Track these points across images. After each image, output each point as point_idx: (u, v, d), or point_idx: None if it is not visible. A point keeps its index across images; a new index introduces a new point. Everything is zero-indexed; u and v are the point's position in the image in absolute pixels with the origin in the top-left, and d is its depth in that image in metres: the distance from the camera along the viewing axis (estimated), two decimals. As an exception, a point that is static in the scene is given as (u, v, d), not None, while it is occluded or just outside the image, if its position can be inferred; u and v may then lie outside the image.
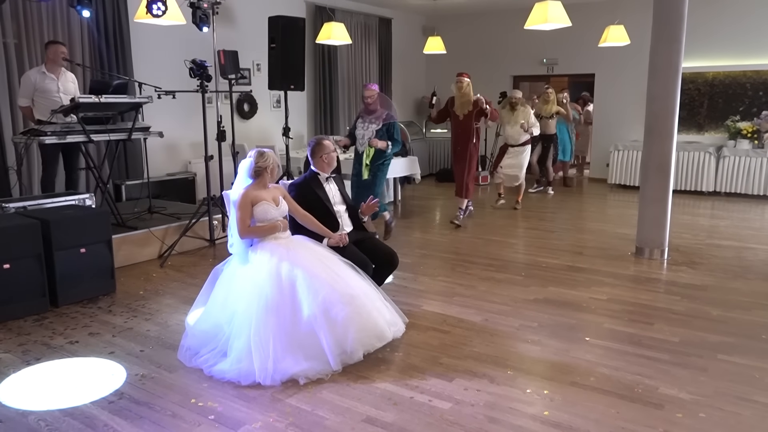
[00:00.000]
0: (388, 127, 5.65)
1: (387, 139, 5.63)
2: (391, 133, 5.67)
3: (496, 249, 5.82)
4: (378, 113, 5.66)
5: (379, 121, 5.63)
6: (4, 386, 3.05)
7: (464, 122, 6.63)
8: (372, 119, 5.68)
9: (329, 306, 3.15)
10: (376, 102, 5.68)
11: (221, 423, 2.68)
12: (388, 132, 5.65)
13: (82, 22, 6.25)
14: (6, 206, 4.59)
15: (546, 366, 3.27)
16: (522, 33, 8.18)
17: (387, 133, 5.63)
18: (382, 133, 5.62)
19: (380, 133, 5.61)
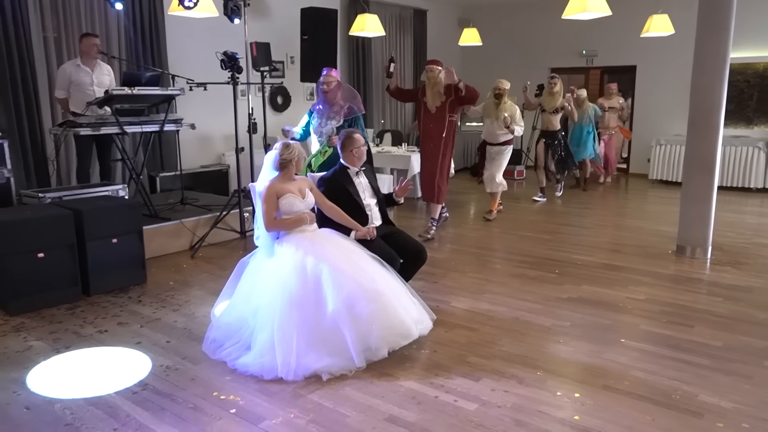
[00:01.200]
0: (350, 123, 4.87)
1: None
2: (355, 125, 4.88)
3: (529, 245, 5.67)
4: (338, 106, 4.91)
5: (340, 116, 4.87)
6: (34, 373, 3.09)
7: (437, 115, 5.84)
8: (331, 113, 4.91)
9: (354, 301, 3.09)
10: (335, 92, 4.90)
11: (242, 417, 2.65)
12: (350, 128, 4.71)
13: (119, 15, 6.32)
14: (42, 196, 4.67)
15: (578, 368, 3.14)
16: (560, 23, 7.97)
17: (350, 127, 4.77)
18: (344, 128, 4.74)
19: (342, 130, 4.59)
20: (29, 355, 3.32)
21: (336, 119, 4.88)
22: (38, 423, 2.62)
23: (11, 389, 2.92)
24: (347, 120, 4.88)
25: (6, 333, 3.62)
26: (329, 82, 4.85)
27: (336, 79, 4.91)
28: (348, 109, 4.92)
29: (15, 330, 3.67)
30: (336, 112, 4.90)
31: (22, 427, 2.59)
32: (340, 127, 4.80)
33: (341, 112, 4.89)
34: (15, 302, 3.92)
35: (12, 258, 3.87)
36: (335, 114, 4.89)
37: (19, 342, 3.49)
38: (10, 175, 4.65)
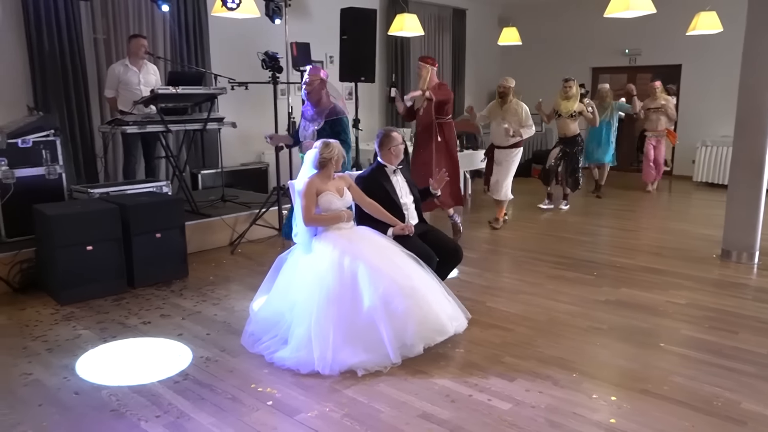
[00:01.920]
0: (332, 126, 4.37)
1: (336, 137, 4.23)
2: (336, 132, 4.30)
3: (567, 247, 5.60)
4: (322, 108, 4.42)
5: (321, 118, 4.39)
6: (82, 361, 3.23)
7: (424, 117, 5.49)
8: (314, 115, 4.43)
9: (390, 298, 3.12)
10: (318, 91, 4.37)
11: (278, 409, 2.71)
12: (333, 131, 4.31)
13: (164, 16, 6.51)
14: (91, 192, 4.86)
15: (615, 371, 3.10)
16: (602, 22, 7.81)
17: (331, 133, 4.28)
18: (326, 134, 4.26)
19: (323, 134, 4.28)
20: (78, 343, 3.46)
21: (317, 122, 4.39)
22: (86, 407, 2.74)
23: (62, 375, 3.05)
24: (328, 122, 4.38)
25: (57, 322, 3.78)
26: (311, 81, 4.35)
27: (319, 77, 4.38)
28: (330, 111, 4.41)
29: (65, 319, 3.83)
30: (319, 113, 4.40)
31: (71, 411, 2.70)
32: (320, 131, 4.36)
33: (323, 114, 4.39)
34: (65, 292, 4.09)
35: (63, 250, 4.04)
36: (318, 116, 4.40)
37: (69, 330, 3.64)
38: (62, 171, 4.83)
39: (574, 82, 7.05)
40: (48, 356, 3.28)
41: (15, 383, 2.97)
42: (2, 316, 3.78)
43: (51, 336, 3.56)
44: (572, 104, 6.98)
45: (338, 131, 4.31)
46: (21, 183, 4.58)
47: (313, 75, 4.36)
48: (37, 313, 3.93)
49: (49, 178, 4.75)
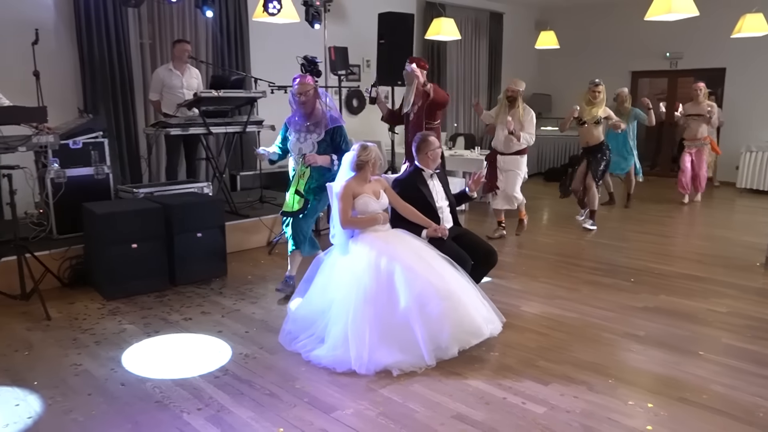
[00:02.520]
0: (332, 135, 4.13)
1: (331, 150, 4.13)
2: (337, 143, 4.13)
3: (604, 252, 5.54)
4: (317, 117, 4.14)
5: (321, 129, 4.11)
6: (128, 354, 3.35)
7: (414, 121, 5.10)
8: (310, 126, 4.14)
9: (425, 300, 3.16)
10: (313, 101, 4.11)
11: (315, 406, 2.77)
12: (333, 141, 4.13)
13: (207, 21, 6.69)
14: (136, 191, 5.03)
15: (652, 378, 3.07)
16: (642, 25, 7.69)
17: (331, 143, 4.13)
18: (326, 144, 4.11)
19: (323, 144, 4.11)
20: (124, 336, 3.59)
21: (317, 132, 4.12)
22: (132, 398, 2.85)
23: (109, 366, 3.18)
24: (329, 132, 4.13)
25: (104, 316, 3.94)
26: (305, 91, 4.05)
27: (312, 86, 4.12)
28: (331, 119, 4.17)
29: (111, 313, 3.99)
30: (315, 124, 4.12)
31: (118, 401, 2.82)
32: (321, 142, 4.11)
33: (322, 124, 4.13)
34: (111, 288, 4.25)
35: (110, 247, 4.20)
36: (315, 126, 4.12)
37: (114, 324, 3.79)
38: (109, 171, 5.02)
39: (602, 86, 6.35)
40: (96, 348, 3.42)
41: (66, 372, 3.11)
42: (53, 310, 3.95)
43: (98, 329, 3.71)
44: (598, 109, 6.30)
45: (338, 141, 4.13)
46: (71, 182, 4.77)
47: (307, 84, 4.08)
48: (85, 307, 4.09)
49: (97, 178, 4.94)
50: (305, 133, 4.13)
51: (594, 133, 6.34)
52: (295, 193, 4.10)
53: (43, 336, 3.60)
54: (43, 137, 4.40)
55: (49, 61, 5.53)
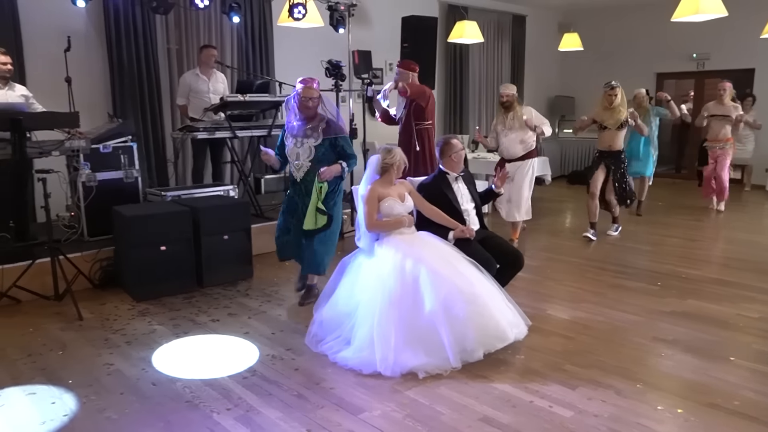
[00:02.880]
0: (332, 142, 3.96)
1: (332, 156, 3.98)
2: (341, 147, 3.98)
3: (630, 256, 5.49)
4: (316, 122, 3.96)
5: (317, 134, 3.94)
6: (158, 354, 3.42)
7: (404, 124, 5.10)
8: (308, 130, 3.96)
9: (451, 303, 3.17)
10: (316, 107, 3.95)
11: (342, 407, 2.80)
12: (334, 148, 3.96)
13: (232, 27, 6.78)
14: (164, 194, 5.12)
15: (681, 383, 3.04)
16: (668, 26, 7.59)
17: (332, 150, 3.97)
18: (324, 149, 3.94)
19: (321, 150, 3.94)
20: (154, 337, 3.66)
21: (314, 137, 3.94)
22: (163, 397, 2.91)
23: (140, 366, 3.25)
24: (327, 139, 3.95)
25: (134, 317, 4.02)
26: (313, 96, 3.87)
27: (318, 92, 3.96)
28: (328, 126, 3.97)
29: (141, 315, 4.06)
30: (313, 128, 3.96)
31: (150, 400, 2.88)
32: (318, 146, 3.94)
33: (318, 128, 3.95)
34: (140, 289, 4.33)
35: (139, 249, 4.28)
36: (312, 131, 3.96)
37: (144, 325, 3.86)
38: (138, 175, 5.12)
39: (619, 89, 5.83)
40: (127, 348, 3.49)
41: (99, 372, 3.18)
42: (85, 310, 4.04)
43: (129, 330, 3.78)
44: (618, 114, 5.80)
45: (342, 146, 3.98)
46: (101, 186, 4.88)
47: (315, 90, 3.90)
48: (116, 308, 4.18)
49: (126, 181, 5.05)
50: (302, 137, 3.98)
51: (617, 138, 5.92)
52: (317, 211, 3.93)
53: (76, 336, 3.69)
54: (76, 142, 4.53)
55: (80, 68, 5.66)
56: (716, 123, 7.28)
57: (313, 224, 3.96)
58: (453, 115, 9.50)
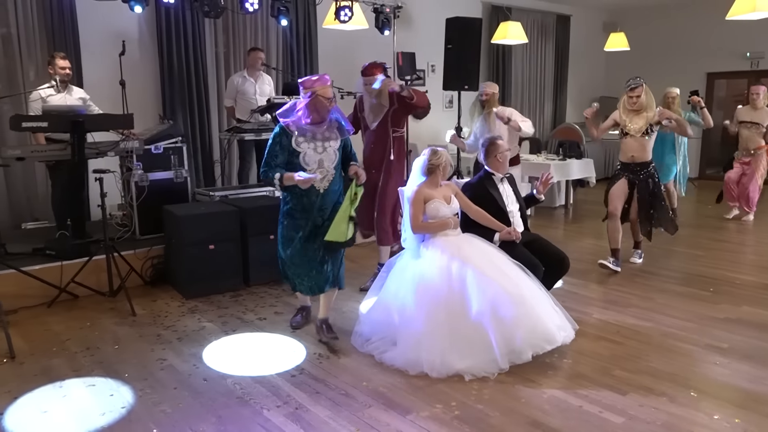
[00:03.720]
0: (345, 144, 3.60)
1: (351, 159, 3.64)
2: (349, 147, 3.64)
3: (680, 261, 5.35)
4: (327, 123, 3.49)
5: (335, 135, 3.52)
6: (208, 350, 3.50)
7: (377, 132, 4.41)
8: (325, 133, 3.47)
9: (498, 305, 3.15)
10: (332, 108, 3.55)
11: (390, 407, 2.81)
12: (344, 149, 3.60)
13: (278, 29, 6.89)
14: (212, 195, 5.24)
15: (738, 392, 2.95)
16: (720, 24, 7.39)
17: (344, 152, 3.60)
18: (339, 152, 3.56)
19: (338, 153, 3.56)
20: (203, 334, 3.75)
21: (333, 138, 3.50)
22: (214, 393, 2.98)
23: (191, 362, 3.34)
24: (342, 140, 3.58)
25: (184, 314, 4.12)
26: (331, 96, 3.45)
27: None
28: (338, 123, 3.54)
29: (191, 312, 4.17)
30: (329, 129, 3.49)
31: (202, 395, 2.95)
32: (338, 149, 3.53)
33: (333, 129, 3.52)
34: (190, 287, 4.44)
35: (190, 248, 4.39)
36: (329, 132, 3.49)
37: (194, 322, 3.96)
38: (188, 175, 5.25)
39: (643, 88, 4.78)
40: (179, 344, 3.59)
41: (153, 366, 3.28)
42: (137, 307, 4.17)
43: (179, 326, 3.89)
44: (644, 117, 4.79)
45: (350, 148, 3.65)
46: (153, 185, 5.02)
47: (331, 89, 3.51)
48: (167, 305, 4.30)
49: (176, 182, 5.18)
50: (322, 141, 3.45)
51: (644, 146, 4.87)
52: (349, 220, 3.41)
53: (130, 331, 3.81)
54: (129, 143, 4.68)
55: (133, 71, 5.84)
56: (746, 131, 6.62)
57: (343, 236, 3.39)
58: (494, 116, 9.42)
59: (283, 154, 3.45)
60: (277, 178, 3.41)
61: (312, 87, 3.38)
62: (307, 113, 3.41)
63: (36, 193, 5.75)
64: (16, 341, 3.53)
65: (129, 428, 2.66)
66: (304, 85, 3.41)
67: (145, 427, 2.67)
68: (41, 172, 5.57)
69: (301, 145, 3.44)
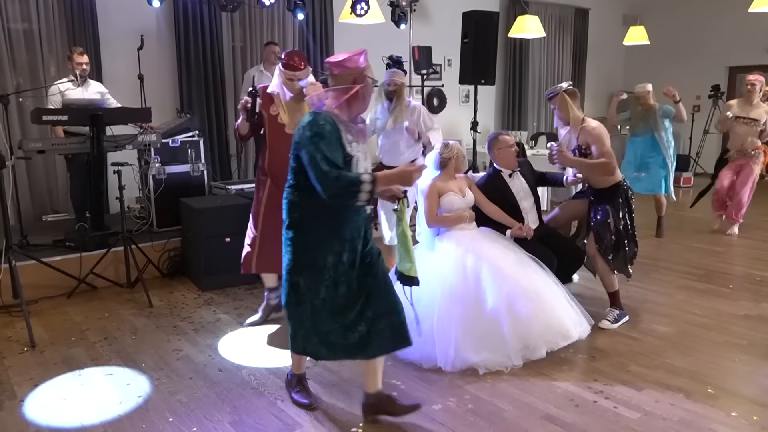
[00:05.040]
0: None
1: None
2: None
3: (699, 257, 5.28)
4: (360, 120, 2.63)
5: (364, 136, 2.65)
6: (223, 342, 3.54)
7: (284, 144, 3.21)
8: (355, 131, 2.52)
9: (513, 300, 3.14)
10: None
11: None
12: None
13: (295, 23, 6.91)
14: (228, 188, 5.27)
15: (757, 390, 2.91)
16: (743, 17, 7.25)
17: None
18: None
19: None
20: (219, 326, 3.79)
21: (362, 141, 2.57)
22: (230, 384, 3.01)
23: (207, 353, 3.37)
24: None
25: (200, 306, 4.16)
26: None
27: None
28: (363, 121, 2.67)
29: (206, 303, 4.21)
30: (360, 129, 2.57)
31: (218, 386, 2.98)
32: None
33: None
34: (206, 279, 4.48)
35: (206, 240, 4.43)
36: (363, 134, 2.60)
37: (210, 314, 4.00)
38: (204, 168, 5.29)
39: (558, 98, 3.69)
40: (194, 336, 3.63)
41: (169, 357, 3.32)
42: (155, 298, 4.21)
43: (195, 318, 3.93)
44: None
45: None
46: (170, 179, 5.07)
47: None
48: (183, 297, 4.34)
49: (193, 175, 5.22)
50: (362, 144, 2.57)
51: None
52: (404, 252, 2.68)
53: (147, 322, 3.86)
54: (147, 136, 4.72)
55: (151, 65, 5.90)
56: (741, 128, 5.73)
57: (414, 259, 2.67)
58: (512, 112, 9.37)
59: (341, 156, 2.40)
60: (368, 180, 2.29)
61: (360, 69, 2.50)
62: (357, 105, 2.49)
63: (56, 185, 5.84)
64: (36, 330, 3.60)
65: (145, 417, 2.70)
66: (347, 66, 2.50)
67: (161, 415, 2.70)
68: (61, 165, 5.65)
69: (353, 148, 2.46)
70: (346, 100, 2.44)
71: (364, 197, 2.30)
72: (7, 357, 3.34)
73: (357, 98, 2.47)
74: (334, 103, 2.45)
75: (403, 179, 2.45)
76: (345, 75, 2.48)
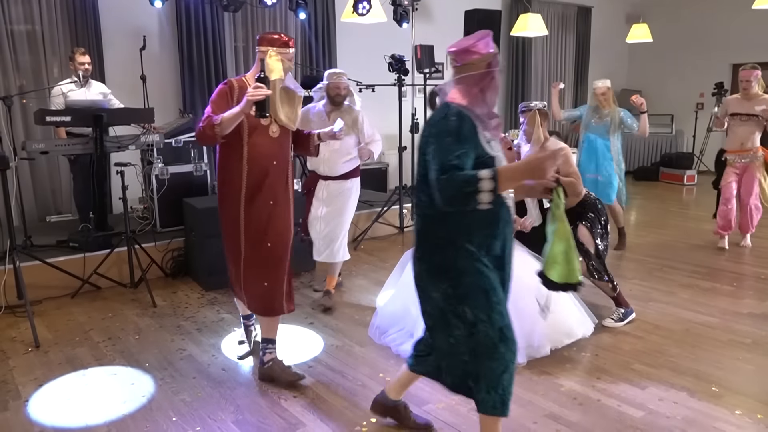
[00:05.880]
0: None
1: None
2: None
3: (703, 255, 5.26)
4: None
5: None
6: (227, 341, 3.54)
7: (281, 140, 3.01)
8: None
9: (517, 298, 3.11)
10: None
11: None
12: None
13: (297, 23, 6.91)
14: (231, 188, 5.27)
15: (762, 388, 2.90)
16: (746, 14, 7.22)
17: None
18: None
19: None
20: (222, 325, 3.80)
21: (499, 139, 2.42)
22: (234, 383, 3.01)
23: (210, 353, 3.38)
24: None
25: (203, 305, 4.17)
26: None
27: None
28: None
29: (210, 303, 4.21)
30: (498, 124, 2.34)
31: (222, 385, 2.99)
32: None
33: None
34: (209, 279, 4.49)
35: (209, 240, 4.42)
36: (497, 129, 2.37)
37: (213, 313, 4.01)
38: (207, 168, 5.29)
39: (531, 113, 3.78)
40: (198, 335, 3.63)
41: (173, 356, 3.33)
42: (158, 298, 4.23)
43: (199, 317, 3.93)
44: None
45: None
46: (173, 179, 5.07)
47: None
48: (186, 297, 4.35)
49: (196, 175, 5.22)
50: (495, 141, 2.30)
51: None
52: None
53: (151, 322, 3.87)
54: (150, 136, 4.73)
55: (153, 65, 5.91)
56: (739, 126, 5.22)
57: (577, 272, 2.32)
58: (514, 110, 9.35)
59: (471, 156, 2.03)
60: (486, 177, 1.93)
61: (492, 53, 2.15)
62: (491, 95, 2.15)
63: (60, 186, 5.85)
64: (40, 331, 3.61)
65: (149, 416, 2.71)
66: (479, 51, 2.13)
67: (165, 415, 2.71)
68: (65, 166, 5.66)
69: (493, 147, 2.14)
70: (480, 90, 2.08)
71: (485, 198, 1.92)
72: (11, 357, 3.35)
73: (493, 87, 2.11)
74: (466, 97, 2.09)
75: (534, 171, 1.98)
76: (477, 62, 2.11)
